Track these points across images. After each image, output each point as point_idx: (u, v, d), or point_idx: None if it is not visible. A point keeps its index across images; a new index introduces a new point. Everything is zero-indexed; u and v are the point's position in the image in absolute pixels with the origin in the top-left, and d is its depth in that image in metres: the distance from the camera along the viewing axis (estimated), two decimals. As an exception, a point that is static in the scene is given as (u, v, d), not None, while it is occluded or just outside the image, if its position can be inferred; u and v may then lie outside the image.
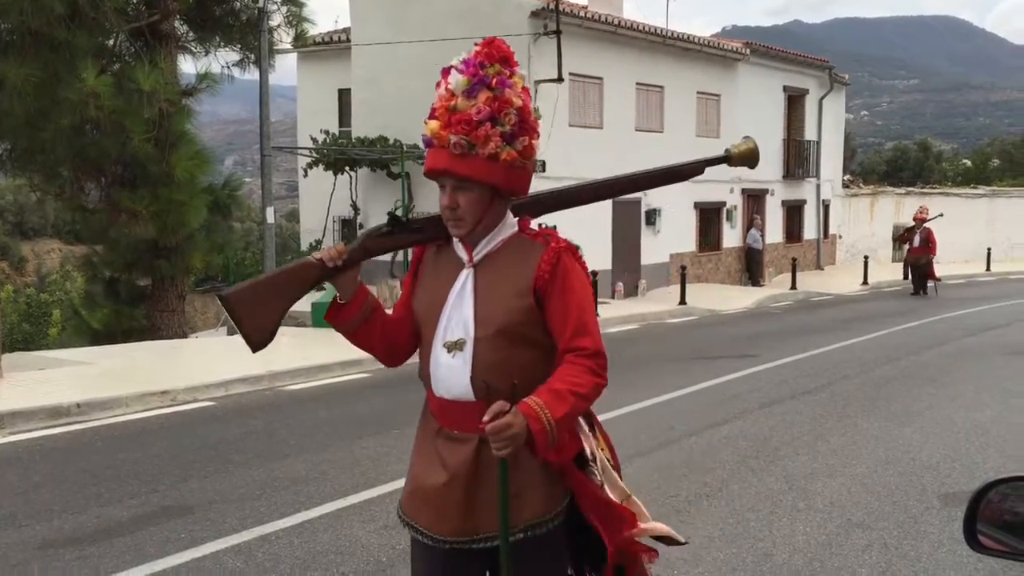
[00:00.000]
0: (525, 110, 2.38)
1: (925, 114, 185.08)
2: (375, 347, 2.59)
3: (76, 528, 5.11)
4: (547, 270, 2.35)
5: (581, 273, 2.43)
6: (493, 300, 2.38)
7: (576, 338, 2.33)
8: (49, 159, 13.64)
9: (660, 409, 8.28)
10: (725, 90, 23.35)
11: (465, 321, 2.39)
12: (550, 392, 2.24)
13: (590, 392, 2.31)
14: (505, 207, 2.46)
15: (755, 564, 4.56)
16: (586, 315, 2.37)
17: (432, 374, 2.47)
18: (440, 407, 2.48)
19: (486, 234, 2.43)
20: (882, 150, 73.70)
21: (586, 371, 2.31)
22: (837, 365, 10.87)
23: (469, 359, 2.37)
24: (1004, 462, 6.53)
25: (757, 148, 2.70)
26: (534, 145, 2.42)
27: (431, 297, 2.48)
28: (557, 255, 2.37)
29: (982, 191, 34.94)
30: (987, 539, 1.86)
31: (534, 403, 2.19)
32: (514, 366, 2.35)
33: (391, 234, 2.52)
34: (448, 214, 2.39)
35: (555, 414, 2.19)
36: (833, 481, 6.03)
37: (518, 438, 2.14)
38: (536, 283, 2.35)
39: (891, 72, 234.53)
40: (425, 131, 2.36)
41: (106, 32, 13.44)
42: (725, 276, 23.91)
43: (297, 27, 16.77)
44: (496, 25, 17.36)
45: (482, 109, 2.29)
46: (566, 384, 2.26)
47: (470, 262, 2.45)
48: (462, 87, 2.33)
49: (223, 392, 9.09)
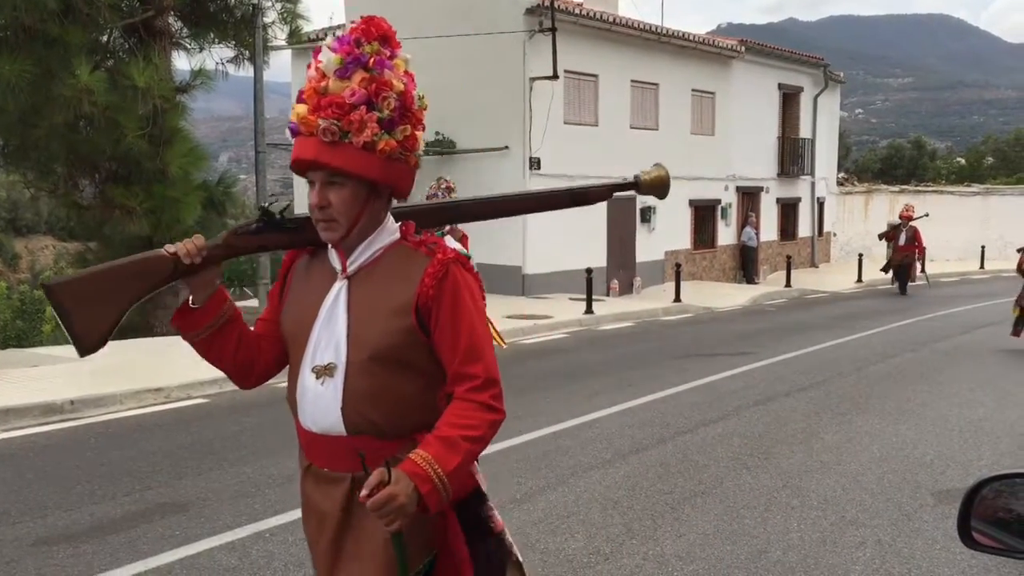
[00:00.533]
0: (407, 96, 2.08)
1: (920, 112, 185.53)
2: (224, 363, 2.25)
3: (70, 525, 5.10)
4: (432, 285, 2.06)
5: (472, 288, 2.13)
6: (368, 318, 2.08)
7: (466, 365, 2.04)
8: (43, 155, 13.60)
9: (655, 406, 8.29)
10: (720, 88, 23.36)
11: (337, 342, 2.09)
12: (439, 442, 1.97)
13: (485, 432, 2.03)
14: (384, 208, 2.15)
15: (749, 561, 4.56)
16: (478, 338, 2.07)
17: (298, 402, 2.15)
18: (308, 441, 2.17)
19: (362, 239, 2.12)
20: (876, 148, 73.80)
21: (478, 408, 2.02)
22: (831, 362, 10.89)
23: (340, 387, 2.07)
24: (998, 459, 6.55)
25: (667, 176, 2.48)
26: (417, 136, 2.12)
27: (300, 312, 2.17)
28: (444, 268, 2.07)
29: (976, 189, 35.04)
30: (981, 536, 1.86)
31: (421, 459, 1.93)
32: (392, 396, 2.07)
33: (261, 232, 2.19)
34: (318, 214, 2.08)
35: (447, 467, 1.94)
36: (827, 478, 6.05)
37: (406, 508, 1.88)
38: (419, 300, 2.06)
39: (886, 70, 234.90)
40: (291, 117, 2.08)
41: (100, 28, 13.40)
42: (720, 274, 23.94)
43: (291, 24, 16.73)
44: (491, 22, 17.39)
45: (356, 91, 2.00)
46: (457, 429, 1.99)
47: (344, 272, 2.14)
48: (334, 66, 2.02)
49: (217, 389, 9.07)
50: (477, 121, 18.16)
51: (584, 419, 7.67)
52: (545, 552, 4.67)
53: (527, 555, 4.59)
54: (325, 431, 2.10)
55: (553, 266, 18.07)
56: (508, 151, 17.69)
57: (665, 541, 4.84)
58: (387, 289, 2.09)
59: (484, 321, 2.14)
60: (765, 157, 25.61)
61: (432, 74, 18.67)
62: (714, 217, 23.80)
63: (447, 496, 1.95)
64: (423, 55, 20.67)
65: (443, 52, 17.81)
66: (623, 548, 4.74)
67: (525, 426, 7.35)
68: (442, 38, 17.58)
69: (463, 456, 1.98)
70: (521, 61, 17.68)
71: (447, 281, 2.06)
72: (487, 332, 2.13)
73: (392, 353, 2.05)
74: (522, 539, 4.84)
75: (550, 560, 4.56)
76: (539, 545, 4.76)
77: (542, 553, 4.65)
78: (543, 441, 6.94)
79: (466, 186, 17.82)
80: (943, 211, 31.30)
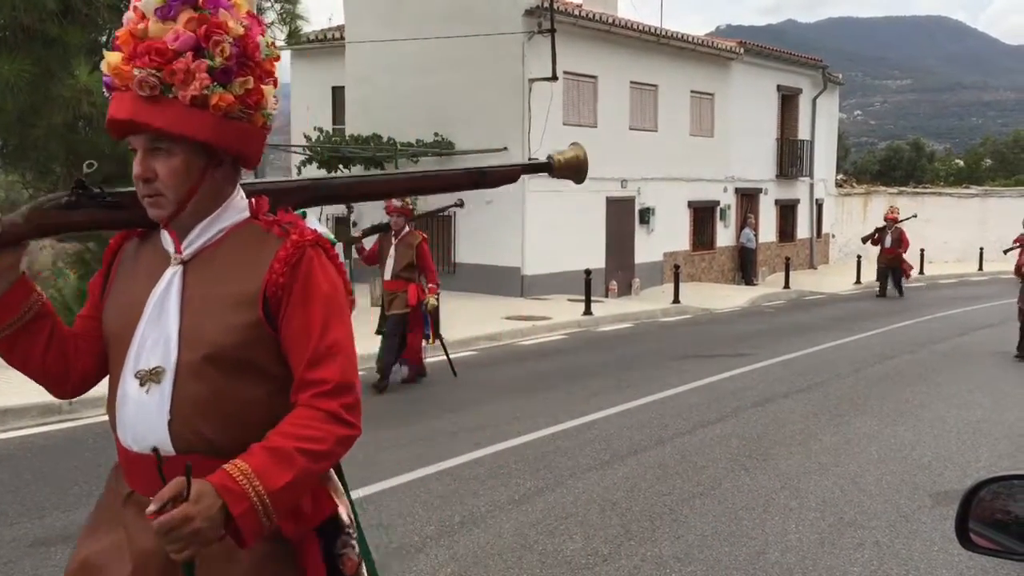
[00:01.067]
0: (248, 41, 1.71)
1: (918, 114, 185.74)
2: (31, 367, 1.84)
3: (68, 525, 5.09)
4: (282, 271, 1.70)
5: (332, 276, 1.76)
6: (205, 312, 1.71)
7: (315, 367, 1.68)
8: (42, 155, 13.58)
9: (653, 407, 8.29)
10: (719, 89, 23.37)
11: (166, 340, 1.71)
12: (267, 453, 1.59)
13: (332, 448, 1.65)
14: (228, 181, 1.78)
15: (748, 562, 4.57)
16: (332, 336, 1.70)
17: (117, 415, 1.76)
18: (129, 461, 1.77)
19: (200, 219, 1.76)
20: (875, 150, 73.86)
21: (324, 418, 1.65)
22: (830, 364, 10.89)
23: (167, 395, 1.69)
24: (996, 460, 6.56)
25: (584, 158, 2.18)
26: (264, 91, 1.75)
27: (124, 306, 1.79)
28: (299, 251, 1.72)
29: (974, 191, 35.07)
30: (979, 537, 1.86)
31: (238, 472, 1.54)
32: (231, 405, 1.70)
33: (74, 206, 1.82)
34: (142, 188, 1.73)
35: (271, 484, 1.55)
36: (825, 480, 6.05)
37: (203, 534, 1.49)
38: (267, 288, 1.70)
39: (884, 72, 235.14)
40: (102, 67, 1.73)
41: (99, 28, 13.39)
42: (719, 275, 23.94)
43: (291, 24, 16.70)
44: (490, 23, 17.40)
45: (181, 34, 1.64)
46: (293, 440, 1.60)
47: (178, 257, 1.77)
48: (154, 5, 1.66)
49: (216, 390, 9.07)
50: (476, 122, 18.16)
51: (582, 420, 7.67)
52: (543, 553, 4.67)
53: (525, 556, 4.60)
54: (149, 449, 1.71)
55: (552, 267, 18.07)
56: (507, 152, 17.68)
57: (663, 542, 4.84)
58: (230, 276, 1.73)
59: (344, 316, 1.76)
60: (764, 159, 25.63)
61: (431, 75, 18.78)
62: (713, 218, 23.81)
63: (269, 523, 1.57)
64: (423, 56, 20.65)
65: (442, 53, 17.83)
66: (621, 549, 4.74)
67: (523, 427, 7.35)
68: (441, 39, 17.59)
69: (297, 473, 1.59)
70: (520, 62, 17.68)
71: (301, 267, 1.71)
72: (346, 331, 1.75)
73: (233, 352, 1.70)
74: (520, 540, 4.84)
75: (548, 561, 4.56)
76: (537, 546, 4.76)
77: (540, 554, 4.65)
78: (541, 442, 6.94)
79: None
80: (941, 213, 31.36)
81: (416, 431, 7.31)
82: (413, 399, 8.68)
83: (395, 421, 7.67)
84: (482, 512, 5.30)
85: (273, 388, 1.73)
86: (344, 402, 1.67)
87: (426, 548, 4.72)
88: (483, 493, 5.65)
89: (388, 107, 18.71)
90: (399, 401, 8.58)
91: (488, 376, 10.10)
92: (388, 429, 7.34)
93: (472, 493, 5.65)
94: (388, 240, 9.02)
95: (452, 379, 9.29)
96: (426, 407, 8.27)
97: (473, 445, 6.79)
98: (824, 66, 28.04)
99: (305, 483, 1.63)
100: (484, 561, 4.56)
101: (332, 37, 22.05)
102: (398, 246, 8.94)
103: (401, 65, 18.56)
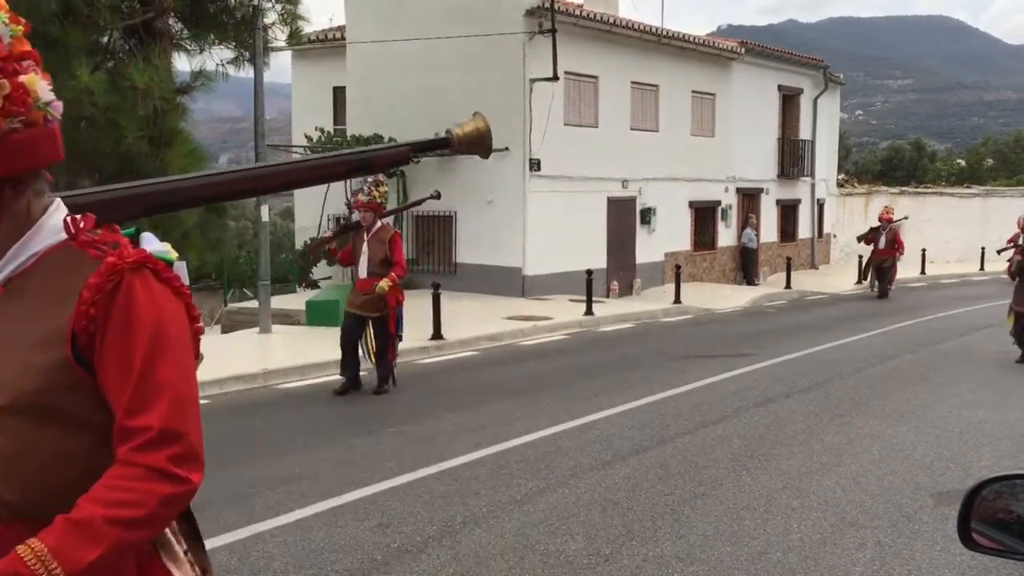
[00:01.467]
0: None
1: (919, 114, 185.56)
2: None
3: None
4: (92, 301, 1.44)
5: (159, 303, 1.48)
6: (5, 352, 1.46)
7: (136, 413, 1.42)
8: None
9: (655, 408, 8.29)
10: (720, 89, 23.37)
11: None
12: (68, 527, 1.36)
13: (154, 511, 1.40)
14: (28, 197, 1.50)
15: (749, 562, 4.56)
16: (160, 373, 1.44)
17: None
18: None
19: (5, 248, 1.51)
20: (876, 149, 73.81)
21: (145, 475, 1.40)
22: (831, 364, 10.88)
23: None
24: (998, 460, 6.55)
25: (487, 128, 1.92)
26: (27, 83, 1.44)
27: None
28: (115, 277, 1.45)
29: (976, 191, 35.03)
30: (981, 537, 1.86)
31: (31, 554, 1.33)
32: (36, 462, 1.45)
33: None
34: None
35: (73, 566, 1.33)
36: (827, 480, 6.04)
37: None
38: (75, 323, 1.44)
39: (885, 72, 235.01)
40: None
41: (100, 29, 13.42)
42: (720, 275, 23.94)
43: (292, 25, 16.72)
44: (491, 24, 17.40)
45: None
46: (102, 507, 1.37)
47: None
48: None
49: (218, 390, 9.07)
50: (477, 122, 18.15)
51: (584, 420, 7.67)
52: (545, 553, 4.66)
53: (527, 556, 4.60)
54: None
55: (553, 267, 18.07)
56: (508, 152, 17.68)
57: (665, 542, 4.84)
58: (36, 310, 1.47)
59: (174, 352, 1.48)
60: (765, 158, 25.62)
61: (432, 75, 18.77)
62: (714, 218, 23.81)
63: None
64: (424, 56, 20.61)
65: (443, 53, 17.82)
66: (623, 549, 4.74)
67: (525, 427, 7.35)
68: (442, 39, 17.59)
69: (107, 548, 1.35)
70: (521, 62, 17.68)
71: (118, 296, 1.44)
72: (177, 368, 1.47)
73: (37, 399, 1.43)
74: (522, 540, 4.84)
75: (550, 562, 4.56)
76: (539, 547, 4.76)
77: (542, 555, 4.65)
78: (543, 442, 6.94)
79: (465, 188, 17.89)
80: (943, 213, 31.32)
81: (417, 431, 7.31)
82: (413, 399, 8.68)
83: (395, 421, 7.68)
84: (484, 512, 5.30)
85: (96, 440, 1.47)
86: (171, 453, 1.41)
87: (428, 548, 4.72)
88: (484, 493, 5.65)
89: (389, 107, 18.71)
90: (399, 401, 8.59)
91: (489, 376, 10.10)
92: (389, 428, 7.35)
93: (473, 493, 5.65)
94: (360, 238, 8.75)
95: (452, 379, 9.29)
96: (427, 407, 8.27)
97: (474, 445, 6.79)
98: (825, 66, 28.03)
99: (119, 557, 1.40)
100: (486, 561, 4.56)
101: (333, 37, 22.06)
102: (371, 242, 8.66)
103: (402, 65, 18.56)
